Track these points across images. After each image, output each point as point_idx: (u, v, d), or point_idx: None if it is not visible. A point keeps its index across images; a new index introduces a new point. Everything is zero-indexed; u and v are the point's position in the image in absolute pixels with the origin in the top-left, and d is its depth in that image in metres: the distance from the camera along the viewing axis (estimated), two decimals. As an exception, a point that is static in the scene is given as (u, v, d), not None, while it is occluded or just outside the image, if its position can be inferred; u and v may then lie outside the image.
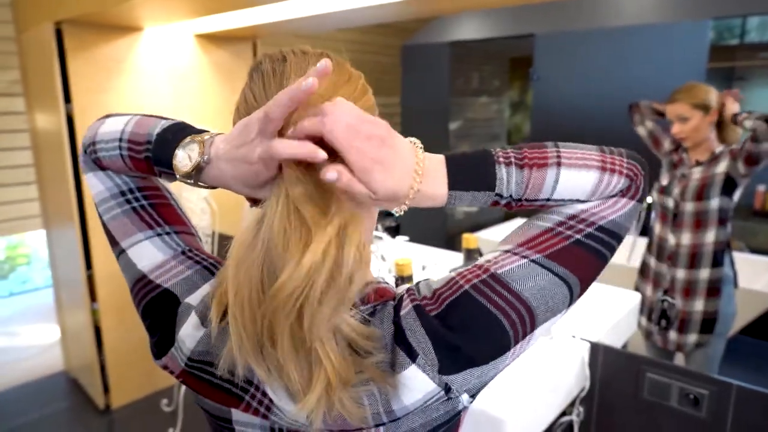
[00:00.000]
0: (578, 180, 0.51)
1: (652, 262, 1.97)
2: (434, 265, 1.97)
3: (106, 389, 2.58)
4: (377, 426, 0.49)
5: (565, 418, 1.37)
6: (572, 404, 1.38)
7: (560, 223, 0.51)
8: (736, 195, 1.82)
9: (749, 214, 3.45)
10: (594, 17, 3.39)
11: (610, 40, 3.26)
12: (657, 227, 1.96)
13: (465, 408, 0.53)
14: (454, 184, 0.50)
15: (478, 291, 0.48)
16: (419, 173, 0.48)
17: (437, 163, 0.50)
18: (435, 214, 4.39)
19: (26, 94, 2.78)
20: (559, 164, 0.50)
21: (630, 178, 0.53)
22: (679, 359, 2.01)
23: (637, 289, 2.04)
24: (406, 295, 0.51)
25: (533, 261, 0.49)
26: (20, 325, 3.59)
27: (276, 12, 2.39)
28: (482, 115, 5.35)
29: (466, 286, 0.49)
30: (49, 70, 2.31)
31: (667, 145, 1.99)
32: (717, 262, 1.85)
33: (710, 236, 1.84)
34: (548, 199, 0.51)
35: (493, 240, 3.34)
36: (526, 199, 0.51)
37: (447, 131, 4.21)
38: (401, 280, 1.51)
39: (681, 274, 1.88)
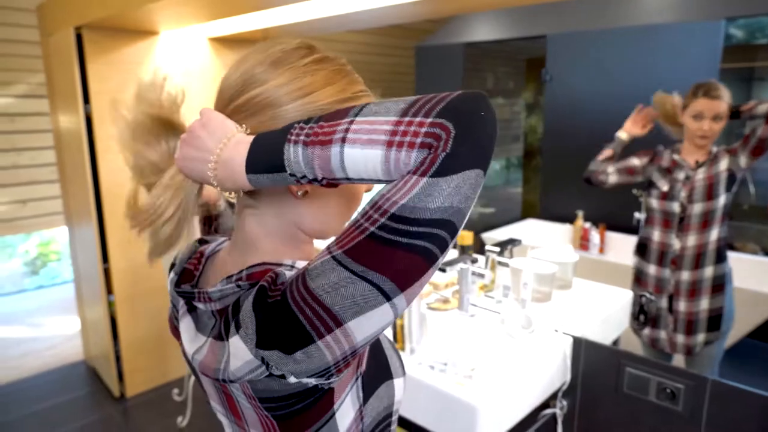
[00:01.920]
0: (365, 159, 0.46)
1: (652, 269, 1.96)
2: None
3: (120, 378, 2.69)
4: (223, 381, 0.55)
5: (549, 411, 1.40)
6: (555, 397, 1.40)
7: (363, 214, 0.47)
8: (734, 189, 1.84)
9: (763, 216, 3.39)
10: (605, 17, 3.38)
11: (621, 40, 3.25)
12: (656, 234, 1.94)
13: (319, 387, 0.53)
14: (249, 167, 0.51)
15: (289, 288, 0.48)
16: (213, 159, 0.53)
17: (242, 146, 0.52)
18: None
19: (50, 95, 2.91)
20: (343, 140, 0.46)
21: (428, 147, 0.44)
22: (679, 361, 2.01)
23: (634, 296, 2.04)
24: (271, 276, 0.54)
25: (334, 257, 0.47)
26: (46, 316, 3.76)
27: (287, 14, 2.45)
28: (502, 116, 5.36)
29: (287, 283, 0.50)
30: (69, 73, 2.43)
31: (639, 164, 1.98)
32: (720, 258, 1.86)
33: (714, 234, 1.84)
34: (348, 179, 0.48)
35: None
36: (326, 179, 0.49)
37: (460, 132, 4.23)
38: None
39: (686, 276, 1.88)
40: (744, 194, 3.60)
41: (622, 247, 3.05)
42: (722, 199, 1.82)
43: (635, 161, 1.98)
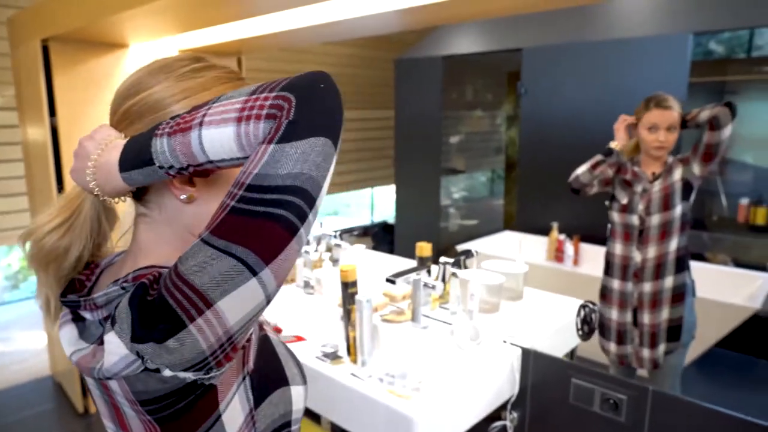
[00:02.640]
0: (220, 138, 0.49)
1: (616, 284, 1.96)
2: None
3: (84, 394, 2.65)
4: (99, 379, 0.55)
5: (499, 423, 1.39)
6: (506, 408, 1.40)
7: (227, 193, 0.49)
8: (692, 198, 1.85)
9: (733, 227, 3.42)
10: (579, 32, 3.43)
11: (594, 54, 3.29)
12: (619, 247, 1.95)
13: (198, 382, 0.53)
14: (122, 165, 0.54)
15: (164, 280, 0.50)
16: (91, 164, 0.56)
17: (117, 150, 0.55)
18: (427, 226, 4.42)
19: (19, 107, 2.90)
20: (201, 124, 0.49)
21: (273, 117, 0.48)
22: (643, 375, 2.01)
23: (600, 314, 2.04)
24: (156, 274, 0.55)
25: (201, 239, 0.48)
26: (20, 330, 3.71)
27: (260, 26, 2.45)
28: (482, 128, 5.39)
29: (164, 272, 0.51)
30: (36, 85, 2.42)
31: (610, 172, 1.99)
32: (680, 267, 1.87)
33: (673, 244, 1.85)
34: (211, 162, 0.51)
35: (484, 252, 3.35)
36: (191, 165, 0.51)
37: (440, 144, 4.26)
38: (346, 286, 1.55)
39: (647, 287, 1.89)
40: (716, 206, 3.64)
41: (596, 259, 3.08)
42: (679, 209, 1.83)
43: (609, 171, 1.99)
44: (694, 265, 2.04)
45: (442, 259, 1.59)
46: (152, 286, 0.51)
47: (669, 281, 1.87)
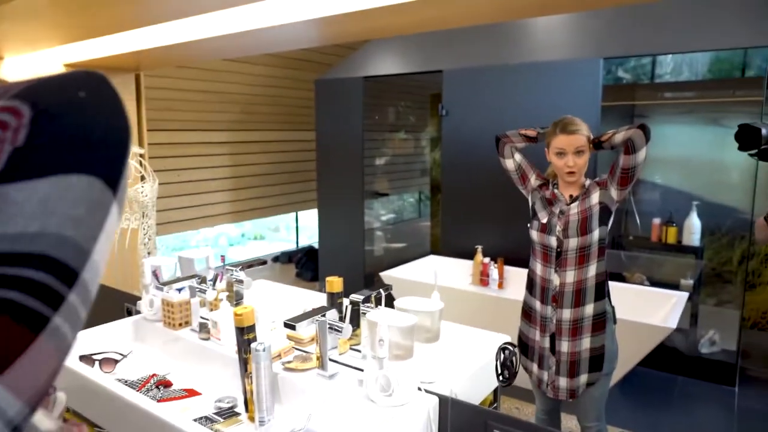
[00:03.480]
0: None
1: (537, 305, 1.89)
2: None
3: None
4: None
5: (416, 483, 1.23)
6: (422, 466, 1.24)
7: None
8: (610, 222, 1.81)
9: (648, 246, 3.52)
10: (498, 55, 3.44)
11: (513, 75, 3.31)
12: (539, 268, 1.88)
13: None
14: None
15: None
16: None
17: None
18: (352, 250, 4.26)
19: None
20: None
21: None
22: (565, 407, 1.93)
23: (522, 333, 1.96)
24: None
25: None
26: None
27: (158, 37, 2.23)
28: (407, 150, 5.35)
29: None
30: None
31: (533, 180, 1.94)
32: (600, 294, 1.81)
33: (592, 269, 1.79)
34: None
35: (405, 278, 3.24)
36: None
37: (362, 166, 4.14)
38: (241, 331, 1.35)
39: (567, 314, 1.81)
40: (631, 225, 3.75)
41: (521, 282, 3.02)
42: (597, 234, 1.78)
43: (533, 176, 1.93)
44: (614, 286, 2.01)
45: (352, 296, 1.43)
46: None
47: (589, 309, 1.81)
